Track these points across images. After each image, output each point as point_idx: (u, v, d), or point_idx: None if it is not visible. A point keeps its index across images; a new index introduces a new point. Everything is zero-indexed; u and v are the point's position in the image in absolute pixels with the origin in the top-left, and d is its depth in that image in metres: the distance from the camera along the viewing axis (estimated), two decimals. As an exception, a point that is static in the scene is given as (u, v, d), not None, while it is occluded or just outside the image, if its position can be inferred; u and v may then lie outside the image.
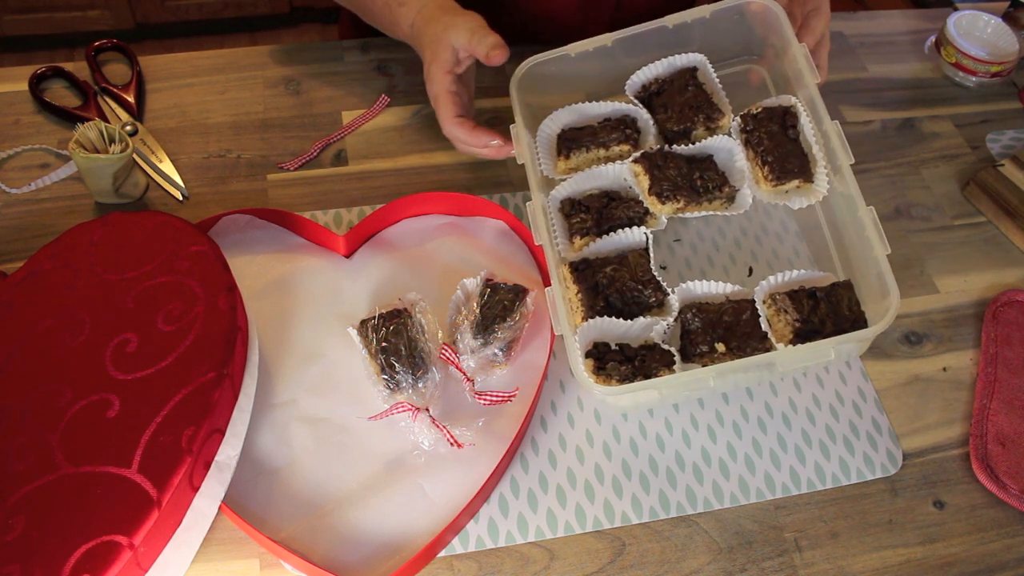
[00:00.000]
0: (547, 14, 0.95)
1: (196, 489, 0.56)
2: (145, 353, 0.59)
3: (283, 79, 0.92)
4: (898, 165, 0.92)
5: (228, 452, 0.59)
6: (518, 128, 0.74)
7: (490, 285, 0.71)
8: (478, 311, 0.69)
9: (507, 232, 0.79)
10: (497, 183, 0.85)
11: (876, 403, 0.73)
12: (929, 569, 0.65)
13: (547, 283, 0.74)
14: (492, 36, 0.74)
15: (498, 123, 0.90)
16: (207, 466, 0.57)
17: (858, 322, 0.66)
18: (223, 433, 0.58)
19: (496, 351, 0.68)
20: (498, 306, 0.69)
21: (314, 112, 0.89)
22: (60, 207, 0.79)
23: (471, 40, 0.74)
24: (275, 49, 0.95)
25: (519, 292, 0.70)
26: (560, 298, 0.65)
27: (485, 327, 0.68)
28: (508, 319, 0.69)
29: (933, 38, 1.05)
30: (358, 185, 0.83)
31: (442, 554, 0.62)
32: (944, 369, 0.76)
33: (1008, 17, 1.03)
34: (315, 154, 0.85)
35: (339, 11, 1.08)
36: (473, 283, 0.71)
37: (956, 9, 1.04)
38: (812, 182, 0.72)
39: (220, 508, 0.59)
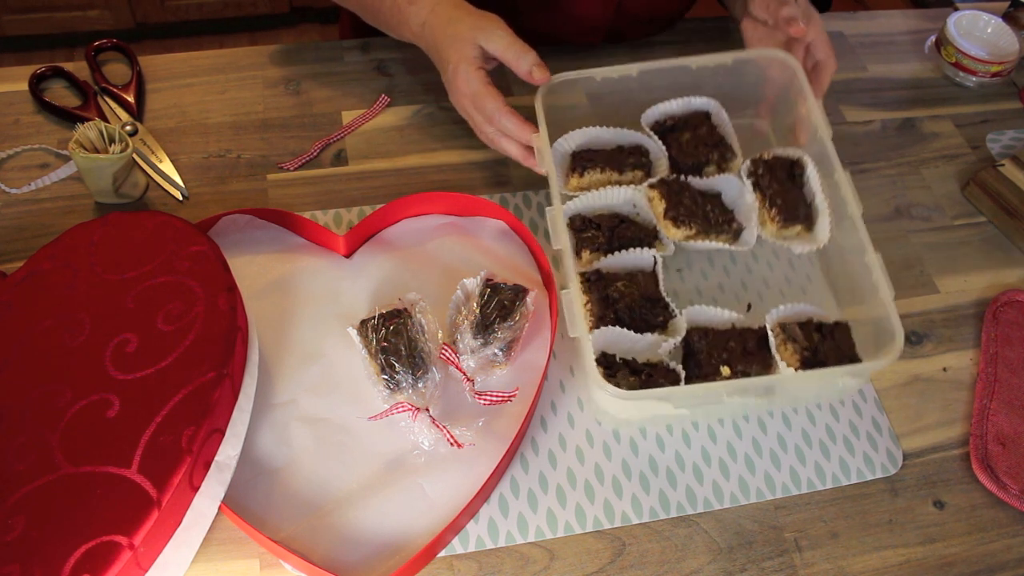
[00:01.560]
0: (573, 17, 0.95)
1: (196, 489, 0.56)
2: (145, 353, 0.59)
3: (283, 79, 0.92)
4: (898, 165, 0.92)
5: (228, 452, 0.59)
6: (541, 139, 0.74)
7: (490, 285, 0.71)
8: (478, 311, 0.69)
9: (507, 232, 0.79)
10: (497, 183, 0.85)
11: (876, 403, 0.73)
12: (929, 569, 0.65)
13: (547, 283, 0.75)
14: (531, 52, 0.75)
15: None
16: (207, 466, 0.57)
17: (853, 362, 0.68)
18: (223, 433, 0.58)
19: (496, 351, 0.68)
20: (498, 306, 0.69)
21: (314, 112, 0.89)
22: (60, 207, 0.79)
23: (507, 52, 0.75)
24: (275, 49, 0.95)
25: (519, 292, 0.70)
26: (577, 302, 0.65)
27: (485, 327, 0.68)
28: (508, 319, 0.69)
29: (933, 38, 1.05)
30: (358, 185, 0.83)
31: (442, 554, 0.62)
32: (944, 369, 0.76)
33: (1008, 17, 1.03)
34: (315, 154, 0.85)
35: (339, 11, 1.08)
36: (473, 283, 0.71)
37: (956, 9, 1.04)
38: (812, 231, 0.75)
39: (220, 508, 0.59)
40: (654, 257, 0.72)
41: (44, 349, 0.61)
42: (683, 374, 0.66)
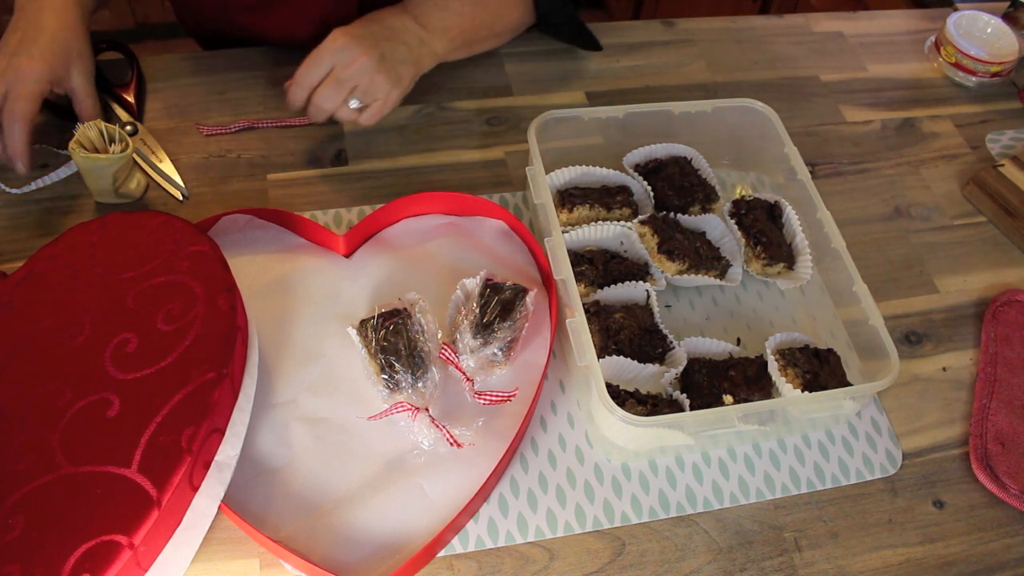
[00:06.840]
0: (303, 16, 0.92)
1: (196, 489, 0.56)
2: (145, 353, 0.59)
3: (283, 79, 0.92)
4: (898, 165, 0.93)
5: (228, 452, 0.59)
6: (535, 171, 0.75)
7: (490, 285, 0.71)
8: (478, 311, 0.69)
9: (507, 232, 0.79)
10: (497, 183, 0.85)
11: (876, 403, 0.73)
12: (929, 569, 0.65)
13: (547, 283, 0.75)
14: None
15: (497, 123, 0.90)
16: (207, 466, 0.57)
17: (843, 386, 0.69)
18: (223, 433, 0.58)
19: (496, 351, 0.68)
20: (498, 306, 0.69)
21: (314, 112, 0.89)
22: (60, 207, 0.79)
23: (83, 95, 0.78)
24: (275, 49, 0.95)
25: (519, 292, 0.70)
26: (584, 331, 0.65)
27: (485, 327, 0.68)
28: (508, 319, 0.69)
29: (933, 38, 1.05)
30: (358, 185, 0.83)
31: (442, 554, 0.62)
32: (944, 369, 0.76)
33: (1008, 17, 1.03)
34: (233, 130, 0.85)
35: None
36: (473, 283, 0.71)
37: (956, 9, 1.04)
38: (793, 269, 0.79)
39: (220, 508, 0.59)
40: (647, 291, 0.73)
41: (44, 349, 0.61)
42: (687, 403, 0.66)
